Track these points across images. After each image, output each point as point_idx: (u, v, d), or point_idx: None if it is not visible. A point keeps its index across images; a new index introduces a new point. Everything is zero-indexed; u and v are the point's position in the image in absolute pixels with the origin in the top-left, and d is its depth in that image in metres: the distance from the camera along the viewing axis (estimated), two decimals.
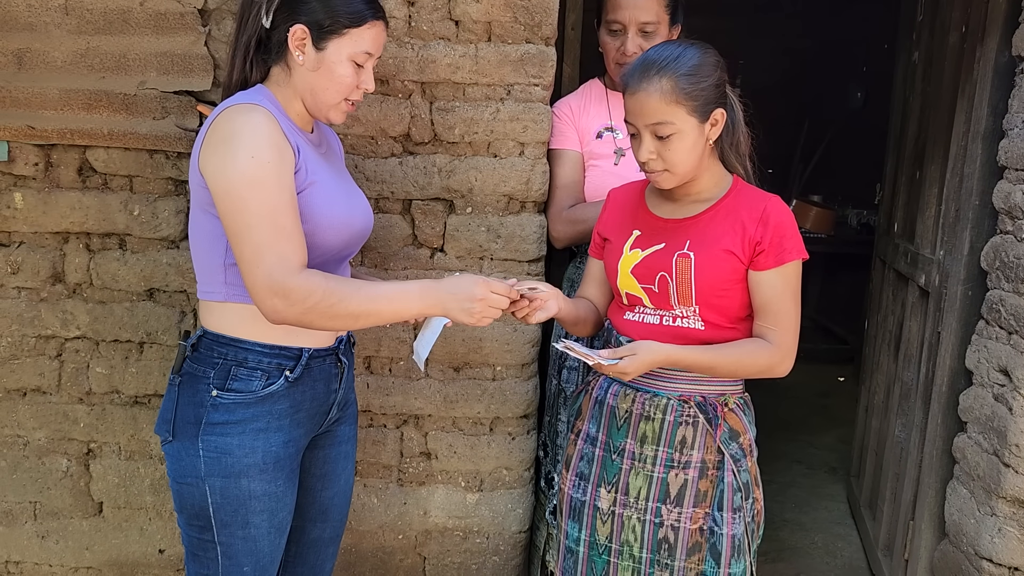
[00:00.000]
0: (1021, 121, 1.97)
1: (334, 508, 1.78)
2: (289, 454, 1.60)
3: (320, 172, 1.57)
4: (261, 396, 1.55)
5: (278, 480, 1.58)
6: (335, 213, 1.57)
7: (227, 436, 1.53)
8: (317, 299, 1.44)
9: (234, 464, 1.53)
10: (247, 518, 1.56)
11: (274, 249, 1.42)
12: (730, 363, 1.65)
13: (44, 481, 2.26)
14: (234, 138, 1.44)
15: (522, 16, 1.99)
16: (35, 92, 2.04)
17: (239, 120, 1.46)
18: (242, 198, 1.42)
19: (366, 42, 1.56)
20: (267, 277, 1.42)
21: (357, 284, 1.51)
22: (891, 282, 2.91)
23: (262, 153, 1.43)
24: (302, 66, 1.55)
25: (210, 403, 1.53)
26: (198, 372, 1.56)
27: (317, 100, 1.57)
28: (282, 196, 1.44)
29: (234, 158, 1.43)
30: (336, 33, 1.53)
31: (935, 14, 2.62)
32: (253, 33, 1.56)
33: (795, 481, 3.54)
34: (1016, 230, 1.96)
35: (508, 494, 2.25)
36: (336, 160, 1.74)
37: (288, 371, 1.57)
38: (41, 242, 2.15)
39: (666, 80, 1.56)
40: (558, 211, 2.12)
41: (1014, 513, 1.95)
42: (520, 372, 2.19)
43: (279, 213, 1.43)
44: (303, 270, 1.45)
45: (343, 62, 1.55)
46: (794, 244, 1.64)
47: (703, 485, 1.69)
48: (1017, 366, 1.91)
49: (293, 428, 1.60)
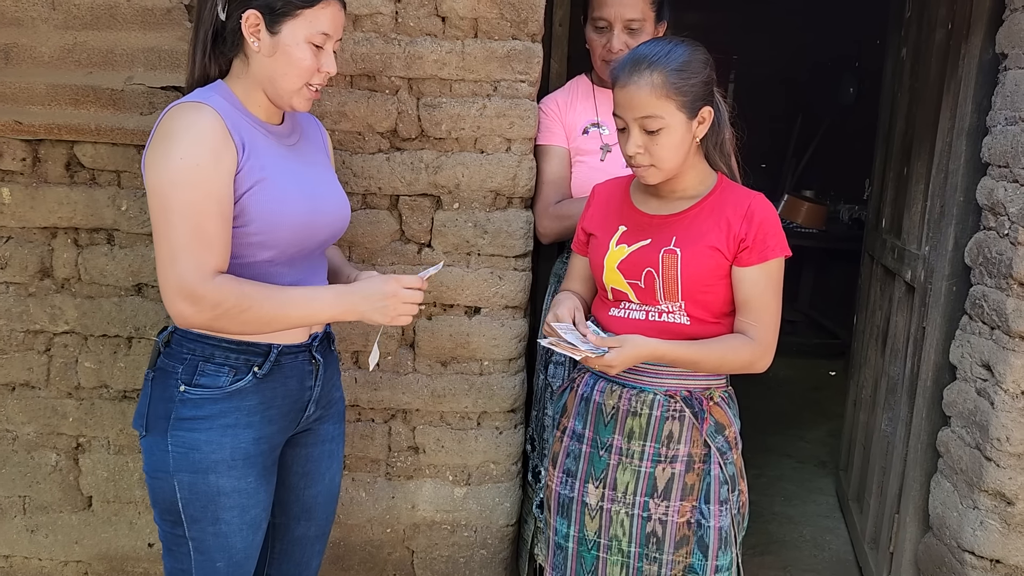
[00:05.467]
0: (1004, 118, 1.99)
1: (319, 506, 1.78)
2: (261, 451, 1.59)
3: (275, 167, 1.55)
4: (229, 392, 1.54)
5: (248, 476, 1.57)
6: (289, 210, 1.55)
7: (195, 432, 1.53)
8: (228, 307, 1.45)
9: (202, 460, 1.53)
10: (217, 514, 1.56)
11: (190, 253, 1.43)
12: (714, 358, 1.66)
13: (33, 475, 2.26)
14: (169, 138, 1.45)
15: (508, 12, 2.00)
16: (22, 87, 2.05)
17: (178, 120, 1.46)
18: (167, 198, 1.43)
19: (322, 22, 1.52)
20: (178, 280, 1.43)
21: (271, 290, 1.51)
22: (879, 277, 2.92)
23: (192, 155, 1.43)
24: (258, 53, 1.52)
25: (178, 398, 1.53)
26: (168, 367, 1.56)
27: (277, 87, 1.55)
28: (207, 200, 1.44)
29: (165, 158, 1.43)
30: (289, 15, 1.50)
31: (922, 10, 2.62)
32: (209, 26, 1.54)
33: (785, 475, 3.56)
34: (999, 226, 1.97)
35: (495, 488, 2.26)
36: (312, 151, 1.71)
37: (256, 367, 1.56)
38: (29, 237, 2.15)
39: (657, 74, 1.57)
40: (545, 207, 2.12)
41: (995, 506, 1.97)
42: (507, 367, 2.20)
43: (201, 217, 1.43)
44: (216, 276, 1.45)
45: (300, 44, 1.51)
46: (777, 241, 1.65)
47: (690, 479, 1.70)
48: (999, 361, 1.93)
49: (264, 425, 1.59)
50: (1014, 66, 1.96)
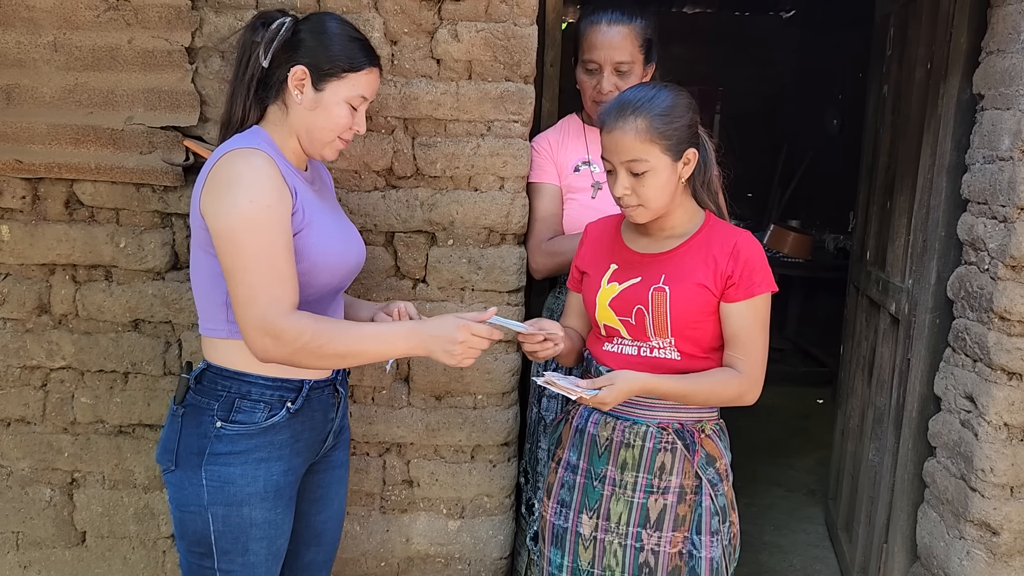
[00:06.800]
0: (982, 156, 2.05)
1: (327, 532, 1.83)
2: (289, 482, 1.65)
3: (316, 211, 1.63)
4: (264, 427, 1.60)
5: (278, 508, 1.63)
6: (332, 251, 1.64)
7: (230, 466, 1.58)
8: (306, 340, 1.50)
9: (236, 493, 1.58)
10: (247, 545, 1.61)
11: (268, 291, 1.49)
12: (702, 392, 1.70)
13: (27, 511, 2.26)
14: (235, 182, 1.51)
15: (502, 55, 2.05)
16: (23, 127, 2.08)
17: (240, 164, 1.52)
18: (240, 240, 1.49)
19: (362, 87, 1.63)
20: (260, 318, 1.48)
21: (346, 326, 1.58)
22: (864, 308, 2.97)
23: (261, 197, 1.50)
24: (300, 105, 1.61)
25: (214, 434, 1.58)
26: (202, 404, 1.60)
27: (312, 138, 1.64)
28: (278, 239, 1.51)
29: (234, 201, 1.49)
30: (335, 76, 1.60)
31: (903, 50, 2.70)
32: (254, 73, 1.62)
33: (774, 503, 3.58)
34: (979, 261, 2.03)
35: (489, 521, 2.28)
36: (328, 196, 1.80)
37: (290, 403, 1.63)
38: (27, 274, 2.17)
39: (641, 120, 1.62)
40: (537, 243, 2.17)
41: (981, 536, 2.00)
42: (501, 400, 2.23)
43: (275, 256, 1.50)
44: (294, 312, 1.51)
45: (340, 104, 1.62)
46: (763, 277, 1.69)
47: (682, 510, 1.73)
48: (982, 393, 1.97)
49: (293, 457, 1.65)
50: (991, 106, 2.03)
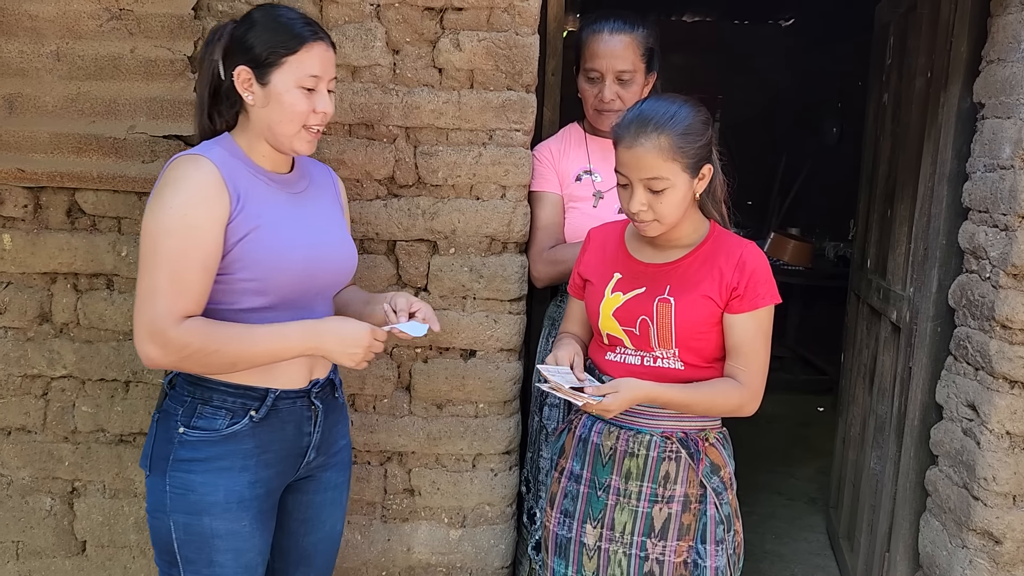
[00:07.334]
0: (983, 165, 2.05)
1: (318, 554, 1.79)
2: (256, 495, 1.61)
3: (273, 215, 1.59)
4: (225, 435, 1.58)
5: (242, 520, 1.59)
6: (285, 256, 1.59)
7: (191, 473, 1.56)
8: (193, 349, 1.49)
9: (197, 501, 1.56)
10: (211, 556, 1.58)
11: (164, 298, 1.48)
12: (704, 402, 1.70)
13: (27, 520, 2.26)
14: (165, 188, 1.52)
15: (503, 64, 2.06)
16: (25, 136, 2.08)
17: (176, 172, 1.53)
18: (155, 244, 1.50)
19: (308, 65, 1.57)
20: (150, 323, 1.48)
21: (237, 331, 1.53)
22: (865, 316, 2.97)
23: (180, 205, 1.49)
24: (254, 105, 1.59)
25: (177, 440, 1.57)
26: (171, 409, 1.60)
27: (275, 134, 1.60)
28: (191, 250, 1.49)
29: (160, 206, 1.50)
30: (275, 64, 1.56)
31: (903, 59, 2.71)
32: (207, 85, 1.62)
33: (775, 512, 3.57)
34: (980, 270, 2.03)
35: (491, 530, 2.27)
36: (320, 198, 1.75)
37: (253, 411, 1.59)
38: (29, 282, 2.17)
39: (664, 137, 1.61)
40: (539, 252, 2.17)
41: (984, 545, 2.00)
42: (502, 409, 2.22)
43: (182, 265, 1.49)
44: (186, 321, 1.49)
45: (290, 91, 1.57)
46: (768, 290, 1.69)
47: (686, 519, 1.73)
48: (984, 402, 1.97)
49: (260, 469, 1.61)
50: (991, 115, 2.04)
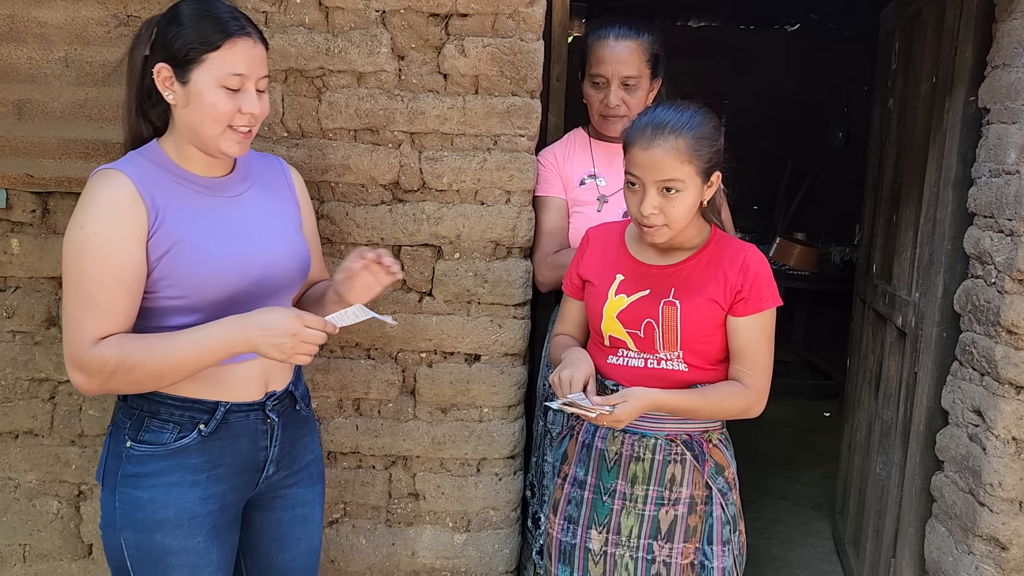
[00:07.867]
0: (988, 170, 2.05)
1: (296, 571, 1.73)
2: (210, 511, 1.54)
3: (197, 226, 1.50)
4: (172, 449, 1.51)
5: (195, 536, 1.52)
6: (211, 270, 1.50)
7: (139, 489, 1.51)
8: (112, 368, 1.42)
9: (146, 518, 1.50)
10: (167, 573, 1.52)
11: (77, 322, 1.42)
12: (711, 406, 1.70)
13: (34, 523, 2.27)
14: (79, 208, 1.45)
15: (508, 70, 2.07)
16: (34, 141, 2.09)
17: (89, 188, 1.46)
18: (67, 267, 1.44)
19: (231, 63, 1.47)
20: (69, 350, 1.43)
21: (154, 342, 1.44)
22: (871, 321, 2.97)
23: (91, 225, 1.42)
24: (175, 105, 1.49)
25: (125, 454, 1.52)
26: (120, 423, 1.55)
27: (199, 136, 1.50)
28: (101, 269, 1.42)
29: (71, 227, 1.44)
30: (195, 62, 1.46)
31: (908, 64, 2.71)
32: (133, 87, 1.53)
33: (781, 518, 3.56)
34: (986, 275, 2.03)
35: (495, 534, 2.27)
36: (263, 197, 1.63)
37: (202, 424, 1.52)
38: (36, 287, 2.18)
39: (681, 140, 1.63)
40: (543, 256, 2.17)
41: (990, 551, 1.99)
42: (507, 413, 2.23)
43: (93, 286, 1.42)
44: (100, 343, 1.42)
45: (211, 90, 1.46)
46: (771, 292, 1.70)
47: (692, 520, 1.74)
48: (989, 407, 1.97)
49: (212, 484, 1.54)
50: (996, 120, 2.03)
